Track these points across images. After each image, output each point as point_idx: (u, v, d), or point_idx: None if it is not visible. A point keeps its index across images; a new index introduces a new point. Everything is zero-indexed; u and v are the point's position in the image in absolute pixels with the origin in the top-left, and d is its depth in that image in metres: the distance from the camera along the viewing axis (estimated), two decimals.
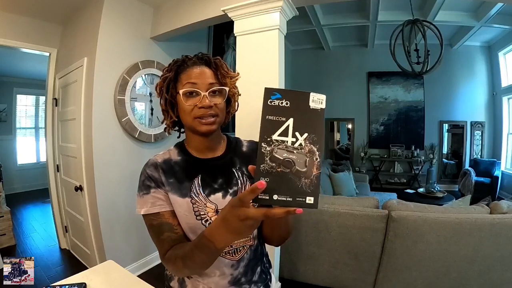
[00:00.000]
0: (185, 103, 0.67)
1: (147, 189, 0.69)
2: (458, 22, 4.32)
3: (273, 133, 0.42)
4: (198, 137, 0.72)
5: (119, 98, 2.19)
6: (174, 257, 0.63)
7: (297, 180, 0.41)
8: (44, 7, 2.30)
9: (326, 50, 6.15)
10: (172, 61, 0.73)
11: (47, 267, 2.46)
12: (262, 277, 0.80)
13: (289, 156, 0.41)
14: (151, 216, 0.68)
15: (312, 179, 0.41)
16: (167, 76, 0.70)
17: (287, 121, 0.42)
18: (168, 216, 0.68)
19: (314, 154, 0.41)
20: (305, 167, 0.41)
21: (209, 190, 0.70)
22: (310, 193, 0.41)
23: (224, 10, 1.89)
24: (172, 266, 0.64)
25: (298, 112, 0.42)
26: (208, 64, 0.71)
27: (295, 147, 0.41)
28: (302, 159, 0.41)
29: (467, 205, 2.18)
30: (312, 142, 0.42)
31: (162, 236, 0.67)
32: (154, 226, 0.68)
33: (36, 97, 5.51)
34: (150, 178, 0.70)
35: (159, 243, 0.67)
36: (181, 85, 0.68)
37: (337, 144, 6.84)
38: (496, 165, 4.94)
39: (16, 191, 4.99)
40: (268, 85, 1.63)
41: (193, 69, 0.69)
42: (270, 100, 0.42)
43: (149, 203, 0.68)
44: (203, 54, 0.73)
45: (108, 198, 2.18)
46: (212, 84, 0.68)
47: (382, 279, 1.93)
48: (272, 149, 0.41)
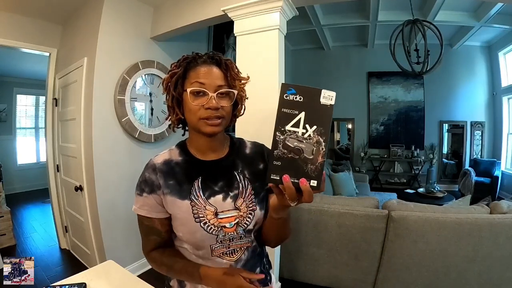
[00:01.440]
0: (192, 102, 0.65)
1: (141, 192, 0.71)
2: (458, 22, 4.32)
3: (286, 124, 0.47)
4: (202, 137, 0.70)
5: (119, 98, 2.19)
6: (160, 262, 0.72)
7: (304, 166, 0.47)
8: (44, 7, 2.30)
9: (326, 50, 6.15)
10: (182, 57, 0.70)
11: (47, 267, 2.46)
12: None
13: (299, 145, 0.47)
14: (141, 216, 0.72)
15: (317, 166, 0.47)
16: (176, 72, 0.68)
17: (299, 114, 0.47)
18: (157, 222, 0.72)
19: (320, 145, 0.47)
20: (312, 155, 0.47)
21: (209, 193, 0.70)
22: (315, 177, 0.47)
23: (224, 10, 1.89)
24: (155, 265, 0.74)
25: (310, 107, 0.47)
26: (219, 64, 0.69)
27: (305, 137, 0.47)
28: (310, 148, 0.47)
29: (467, 205, 2.18)
30: (319, 134, 0.47)
31: (149, 237, 0.73)
32: (144, 226, 0.73)
33: (36, 97, 5.51)
34: (146, 181, 0.70)
35: (145, 240, 0.75)
36: (189, 83, 0.67)
37: (337, 144, 6.84)
38: (496, 165, 4.94)
39: (16, 191, 4.99)
40: (268, 85, 1.62)
41: (203, 68, 0.67)
42: (285, 95, 0.47)
43: (139, 204, 0.72)
44: (214, 53, 0.70)
45: (108, 198, 2.18)
46: (220, 86, 0.66)
47: (382, 279, 1.93)
48: (285, 138, 0.47)
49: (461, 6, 4.06)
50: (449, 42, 5.30)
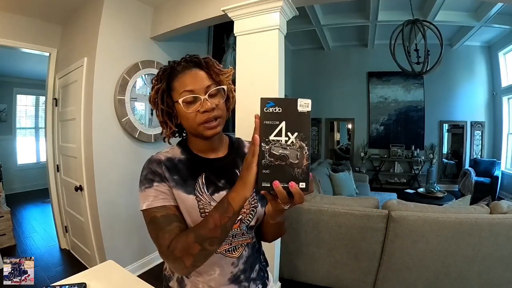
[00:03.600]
0: (186, 111, 0.65)
1: (150, 183, 0.67)
2: (458, 22, 4.33)
3: (270, 134, 0.50)
4: (201, 140, 0.72)
5: (119, 98, 2.19)
6: (185, 237, 0.59)
7: (292, 170, 0.50)
8: (44, 7, 2.30)
9: (326, 50, 6.16)
10: (160, 70, 0.70)
11: (47, 267, 2.46)
12: (260, 274, 0.81)
13: (284, 152, 0.50)
14: (154, 209, 0.64)
15: (303, 169, 0.50)
16: (159, 87, 0.68)
17: (280, 124, 0.50)
18: (174, 209, 0.66)
19: (303, 149, 0.50)
20: (297, 160, 0.50)
21: (213, 189, 0.70)
22: (302, 179, 0.50)
23: (224, 10, 1.89)
24: (182, 248, 0.58)
25: (289, 116, 0.50)
26: (199, 65, 0.69)
27: (288, 144, 0.50)
28: (294, 153, 0.50)
29: (467, 205, 2.18)
30: (301, 139, 0.50)
31: (170, 227, 0.62)
32: (158, 218, 0.63)
33: (36, 97, 5.51)
34: (153, 172, 0.68)
35: (163, 234, 0.61)
36: (177, 94, 0.66)
37: (337, 144, 6.84)
38: (496, 165, 4.94)
39: (16, 191, 4.99)
40: (268, 85, 1.62)
41: (186, 75, 0.67)
42: (265, 108, 0.50)
43: (151, 197, 0.65)
44: (190, 56, 0.70)
45: (108, 198, 2.18)
46: (209, 86, 0.67)
47: (382, 279, 1.93)
48: (270, 147, 0.50)
49: (461, 6, 4.06)
50: (449, 42, 5.30)
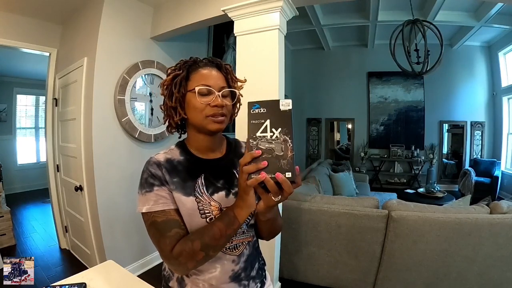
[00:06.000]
0: (199, 100, 0.69)
1: (150, 187, 0.68)
2: (458, 22, 4.32)
3: (257, 132, 0.56)
4: (202, 137, 0.73)
5: (119, 98, 2.19)
6: (190, 243, 0.62)
7: (278, 162, 0.55)
8: (44, 7, 2.30)
9: (326, 50, 6.15)
10: (181, 61, 0.74)
11: (47, 267, 2.45)
12: (259, 273, 0.82)
13: (269, 146, 0.55)
14: (154, 214, 0.66)
15: (288, 160, 0.55)
16: (178, 73, 0.71)
17: (265, 122, 0.56)
18: (174, 214, 0.67)
19: (287, 142, 0.55)
20: (282, 152, 0.55)
21: (212, 189, 0.71)
22: (288, 169, 0.55)
23: (224, 10, 1.89)
24: (185, 253, 0.62)
25: (273, 114, 0.56)
26: (219, 67, 0.74)
27: (273, 139, 0.56)
28: (279, 146, 0.55)
29: (467, 205, 2.18)
30: (285, 134, 0.55)
31: (170, 233, 0.64)
32: (159, 223, 0.65)
33: (36, 97, 5.51)
34: (153, 176, 0.69)
35: (164, 239, 0.64)
36: (194, 84, 0.70)
37: (337, 144, 6.84)
38: (496, 165, 4.94)
39: (16, 191, 4.99)
40: (268, 85, 1.63)
41: (205, 70, 0.71)
42: (252, 110, 0.57)
43: (152, 201, 0.67)
44: (213, 58, 0.76)
45: (108, 198, 2.18)
46: (223, 87, 0.71)
47: (382, 279, 1.93)
48: (257, 143, 0.56)
49: (461, 6, 4.06)
50: (449, 42, 5.30)
